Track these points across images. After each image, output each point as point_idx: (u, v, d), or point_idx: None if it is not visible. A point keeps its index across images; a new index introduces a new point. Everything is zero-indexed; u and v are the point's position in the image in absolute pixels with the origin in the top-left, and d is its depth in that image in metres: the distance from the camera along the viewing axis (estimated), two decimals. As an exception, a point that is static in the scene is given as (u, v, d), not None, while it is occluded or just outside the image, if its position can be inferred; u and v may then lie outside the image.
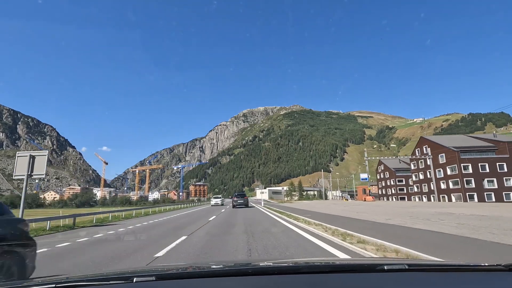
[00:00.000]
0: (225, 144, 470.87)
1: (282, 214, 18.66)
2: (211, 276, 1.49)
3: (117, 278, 1.41)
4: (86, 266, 5.57)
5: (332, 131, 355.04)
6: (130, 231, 12.29)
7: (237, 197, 33.43)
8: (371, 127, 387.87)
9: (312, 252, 6.21)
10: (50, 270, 5.22)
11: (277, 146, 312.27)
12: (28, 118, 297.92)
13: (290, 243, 7.27)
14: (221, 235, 9.58)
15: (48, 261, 6.13)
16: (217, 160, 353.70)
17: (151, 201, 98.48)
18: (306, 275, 1.44)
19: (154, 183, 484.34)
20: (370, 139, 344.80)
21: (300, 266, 1.75)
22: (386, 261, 1.80)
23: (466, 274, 1.43)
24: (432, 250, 5.64)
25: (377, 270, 1.44)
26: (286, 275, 1.47)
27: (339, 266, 1.68)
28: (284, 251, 6.31)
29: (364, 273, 1.49)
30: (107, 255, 6.54)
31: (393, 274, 1.40)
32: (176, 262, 5.65)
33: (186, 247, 7.18)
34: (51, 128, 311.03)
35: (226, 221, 15.28)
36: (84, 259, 6.31)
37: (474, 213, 16.00)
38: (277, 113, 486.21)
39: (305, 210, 23.63)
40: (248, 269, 1.60)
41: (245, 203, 32.66)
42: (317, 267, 1.74)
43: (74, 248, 8.17)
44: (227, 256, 6.01)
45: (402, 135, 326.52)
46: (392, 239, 7.11)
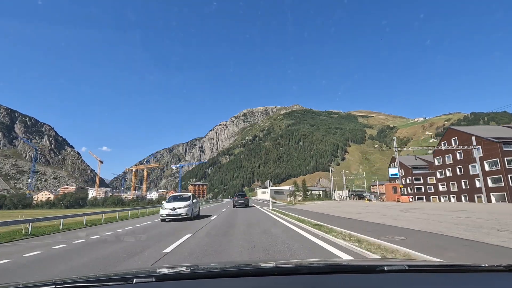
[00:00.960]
0: (225, 144, 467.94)
1: (315, 227, 10.23)
2: (211, 277, 1.49)
3: (117, 279, 1.41)
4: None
5: (332, 130, 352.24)
6: (94, 242, 9.39)
7: (237, 197, 35.18)
8: (371, 127, 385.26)
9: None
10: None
11: (277, 146, 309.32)
12: (25, 117, 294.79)
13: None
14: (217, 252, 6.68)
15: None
16: (217, 160, 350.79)
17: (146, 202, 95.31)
18: (306, 276, 1.44)
19: (153, 183, 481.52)
20: (371, 138, 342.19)
21: (301, 267, 1.76)
22: (386, 261, 1.73)
23: (466, 275, 1.42)
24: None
25: (378, 271, 1.44)
26: (286, 276, 1.47)
27: (340, 266, 1.67)
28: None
29: (364, 273, 1.49)
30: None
31: (394, 275, 1.40)
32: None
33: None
34: (49, 127, 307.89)
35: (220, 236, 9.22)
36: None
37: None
38: (277, 113, 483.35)
39: (331, 215, 17.09)
40: (248, 270, 1.59)
41: (246, 203, 33.87)
42: (317, 267, 1.74)
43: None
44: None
45: (404, 135, 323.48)
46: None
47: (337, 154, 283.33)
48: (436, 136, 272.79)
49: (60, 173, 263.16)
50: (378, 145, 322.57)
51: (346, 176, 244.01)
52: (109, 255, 6.72)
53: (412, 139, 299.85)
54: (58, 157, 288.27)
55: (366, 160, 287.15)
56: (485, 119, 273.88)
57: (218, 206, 40.32)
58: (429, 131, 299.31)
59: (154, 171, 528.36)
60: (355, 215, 16.53)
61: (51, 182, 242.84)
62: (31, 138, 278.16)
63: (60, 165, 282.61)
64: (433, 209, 21.44)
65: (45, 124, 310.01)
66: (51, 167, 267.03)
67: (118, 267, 5.49)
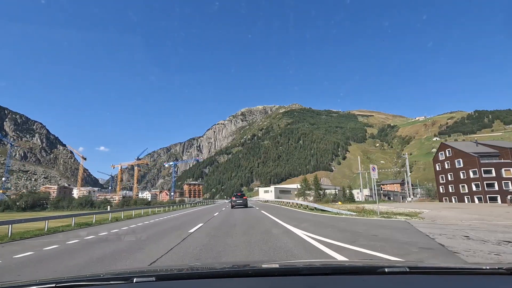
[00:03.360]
0: (223, 143, 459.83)
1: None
2: (212, 277, 1.49)
3: (117, 278, 1.40)
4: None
5: (333, 129, 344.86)
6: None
7: (236, 197, 33.37)
8: (372, 126, 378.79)
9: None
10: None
11: (276, 145, 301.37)
12: (16, 115, 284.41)
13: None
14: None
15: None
16: (215, 159, 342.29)
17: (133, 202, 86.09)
18: (306, 277, 1.43)
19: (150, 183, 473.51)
20: (372, 137, 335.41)
21: (301, 268, 1.73)
22: (387, 263, 1.72)
23: (466, 277, 1.41)
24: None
25: (378, 273, 1.42)
26: (286, 277, 1.46)
27: (340, 268, 1.66)
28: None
29: (364, 275, 1.47)
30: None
31: (394, 277, 1.38)
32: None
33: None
34: (40, 125, 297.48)
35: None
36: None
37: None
38: (276, 112, 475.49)
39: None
40: (248, 271, 1.58)
41: (244, 204, 32.51)
42: (317, 269, 1.73)
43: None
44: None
45: (405, 134, 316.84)
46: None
47: (338, 153, 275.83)
48: (440, 135, 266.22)
49: (51, 172, 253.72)
50: (380, 144, 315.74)
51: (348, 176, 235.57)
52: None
53: (415, 138, 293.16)
54: (50, 156, 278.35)
55: (367, 159, 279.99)
56: (489, 117, 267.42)
57: (194, 218, 19.45)
58: (432, 129, 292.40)
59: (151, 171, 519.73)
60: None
61: (41, 182, 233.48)
62: (21, 136, 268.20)
63: (52, 164, 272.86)
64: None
65: (36, 122, 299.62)
66: (42, 166, 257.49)
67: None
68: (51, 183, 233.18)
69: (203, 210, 32.82)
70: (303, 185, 60.09)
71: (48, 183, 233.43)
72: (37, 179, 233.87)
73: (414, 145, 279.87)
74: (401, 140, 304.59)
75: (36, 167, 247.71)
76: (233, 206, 31.92)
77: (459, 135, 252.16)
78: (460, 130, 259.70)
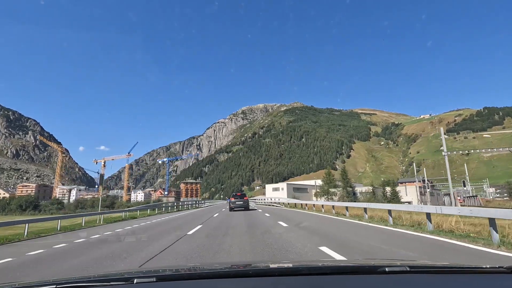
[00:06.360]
0: (223, 141, 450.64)
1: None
2: (212, 277, 1.48)
3: (118, 279, 1.40)
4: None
5: (336, 127, 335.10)
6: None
7: (235, 197, 27.95)
8: (376, 124, 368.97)
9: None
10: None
11: (278, 143, 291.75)
12: (8, 111, 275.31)
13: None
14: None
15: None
16: (214, 157, 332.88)
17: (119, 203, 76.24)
18: (306, 277, 1.42)
19: (149, 182, 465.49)
20: (376, 136, 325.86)
21: (301, 268, 1.72)
22: (387, 263, 1.78)
23: (467, 276, 1.40)
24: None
25: (378, 272, 1.42)
26: (286, 277, 1.45)
27: (340, 268, 1.65)
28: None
29: (365, 275, 1.46)
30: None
31: (394, 276, 1.38)
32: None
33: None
34: (34, 123, 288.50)
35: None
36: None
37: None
38: (277, 110, 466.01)
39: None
40: (248, 271, 1.57)
41: (245, 205, 27.23)
42: (317, 268, 1.71)
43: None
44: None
45: (411, 132, 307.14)
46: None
47: (342, 151, 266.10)
48: (448, 132, 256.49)
49: (44, 170, 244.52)
50: (385, 142, 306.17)
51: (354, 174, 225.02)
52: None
53: (421, 136, 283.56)
54: (44, 154, 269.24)
55: (372, 157, 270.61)
56: (499, 114, 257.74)
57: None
58: (439, 127, 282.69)
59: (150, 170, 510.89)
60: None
61: (33, 180, 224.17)
62: (13, 133, 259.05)
63: (46, 162, 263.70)
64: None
65: (30, 119, 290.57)
66: (35, 164, 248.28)
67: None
68: (44, 182, 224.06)
69: (186, 217, 20.78)
70: (326, 181, 48.13)
71: (41, 181, 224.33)
72: (29, 177, 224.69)
73: (421, 143, 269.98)
74: (407, 138, 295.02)
75: (29, 165, 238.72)
76: (232, 209, 27.14)
77: (468, 133, 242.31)
78: (470, 128, 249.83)
